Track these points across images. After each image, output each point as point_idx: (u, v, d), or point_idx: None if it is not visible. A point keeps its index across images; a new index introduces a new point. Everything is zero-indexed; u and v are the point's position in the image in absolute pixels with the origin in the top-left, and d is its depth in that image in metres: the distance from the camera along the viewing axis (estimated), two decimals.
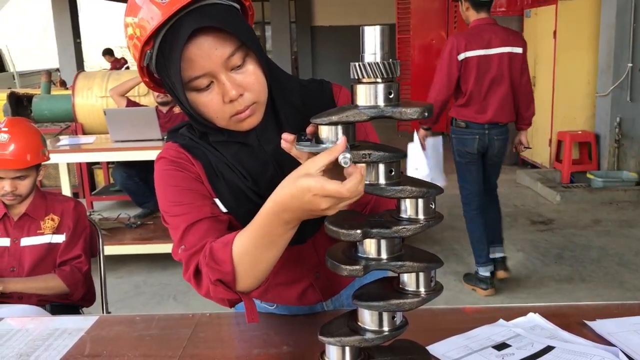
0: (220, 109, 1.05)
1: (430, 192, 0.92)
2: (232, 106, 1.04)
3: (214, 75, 1.02)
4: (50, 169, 4.94)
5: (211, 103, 1.04)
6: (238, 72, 1.03)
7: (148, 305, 3.70)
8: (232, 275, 1.02)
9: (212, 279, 1.03)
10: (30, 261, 2.18)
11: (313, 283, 1.32)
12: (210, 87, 1.03)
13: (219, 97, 1.04)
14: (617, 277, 3.89)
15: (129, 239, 4.27)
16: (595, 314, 1.31)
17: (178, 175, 1.14)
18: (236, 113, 1.05)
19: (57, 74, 10.78)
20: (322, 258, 1.25)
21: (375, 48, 0.90)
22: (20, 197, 2.17)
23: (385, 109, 0.90)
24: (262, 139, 1.14)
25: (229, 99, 1.03)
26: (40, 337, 1.35)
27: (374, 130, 1.25)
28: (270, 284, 1.27)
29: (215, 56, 1.00)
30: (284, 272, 1.28)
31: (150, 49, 1.02)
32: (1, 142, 2.13)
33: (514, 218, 5.19)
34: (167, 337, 1.32)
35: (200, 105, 1.05)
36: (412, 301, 0.95)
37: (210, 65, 1.00)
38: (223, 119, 1.06)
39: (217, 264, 1.02)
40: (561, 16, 6.09)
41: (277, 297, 1.35)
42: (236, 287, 1.04)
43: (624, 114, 5.79)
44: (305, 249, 1.26)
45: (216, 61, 1.00)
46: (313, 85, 1.23)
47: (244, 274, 1.02)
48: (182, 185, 1.13)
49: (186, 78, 1.01)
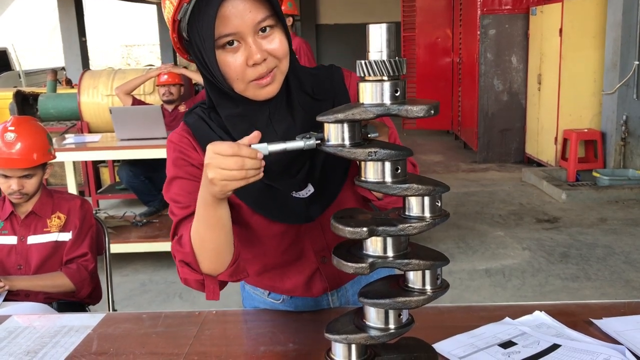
0: (242, 71, 1.07)
1: (437, 190, 0.92)
2: (254, 70, 1.08)
3: (242, 37, 1.05)
4: (56, 167, 4.95)
5: (235, 64, 1.07)
6: (264, 39, 1.07)
7: (154, 303, 3.71)
8: (192, 256, 1.10)
9: (178, 260, 1.13)
10: (36, 259, 2.18)
11: (319, 268, 1.33)
12: (236, 48, 1.06)
13: (243, 59, 1.06)
14: (623, 275, 3.88)
15: (135, 237, 4.28)
16: (601, 312, 1.31)
17: (180, 164, 1.19)
18: (257, 78, 1.09)
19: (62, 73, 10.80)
20: (329, 240, 1.27)
21: (382, 46, 0.90)
22: (27, 195, 2.18)
23: (391, 107, 0.90)
24: (274, 118, 1.16)
25: (252, 62, 1.06)
26: (47, 334, 1.36)
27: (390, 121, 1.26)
28: (276, 265, 1.33)
29: (247, 18, 1.04)
30: (291, 251, 1.30)
31: (187, 3, 1.05)
32: (8, 141, 2.14)
33: (519, 216, 5.18)
34: (174, 334, 1.32)
35: (223, 65, 1.08)
36: (418, 299, 0.95)
37: (241, 26, 1.04)
38: (243, 82, 1.09)
39: (181, 246, 1.12)
40: (567, 14, 6.07)
41: (286, 281, 1.36)
42: (201, 268, 1.12)
43: (630, 112, 5.77)
44: (312, 228, 1.28)
45: (248, 23, 1.04)
46: (322, 71, 1.26)
47: (199, 254, 1.10)
48: (183, 177, 1.18)
49: (216, 35, 1.04)
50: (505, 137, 7.32)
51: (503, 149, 7.33)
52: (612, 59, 5.82)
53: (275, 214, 1.23)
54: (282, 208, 1.22)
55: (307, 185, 1.22)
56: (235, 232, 1.14)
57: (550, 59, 6.41)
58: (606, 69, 5.94)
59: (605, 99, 5.99)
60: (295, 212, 1.23)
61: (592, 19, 6.08)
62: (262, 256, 1.34)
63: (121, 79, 5.75)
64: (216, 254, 1.11)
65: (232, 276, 1.15)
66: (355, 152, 0.92)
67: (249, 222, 1.26)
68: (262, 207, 1.23)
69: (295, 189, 1.22)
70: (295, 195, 1.22)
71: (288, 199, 1.22)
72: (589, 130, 6.10)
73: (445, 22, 8.64)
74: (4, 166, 2.13)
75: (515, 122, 7.24)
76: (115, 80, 5.75)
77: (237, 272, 1.16)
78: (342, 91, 1.24)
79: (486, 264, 4.16)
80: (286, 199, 1.22)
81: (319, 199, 1.23)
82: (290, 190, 1.22)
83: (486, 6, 7.08)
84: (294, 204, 1.22)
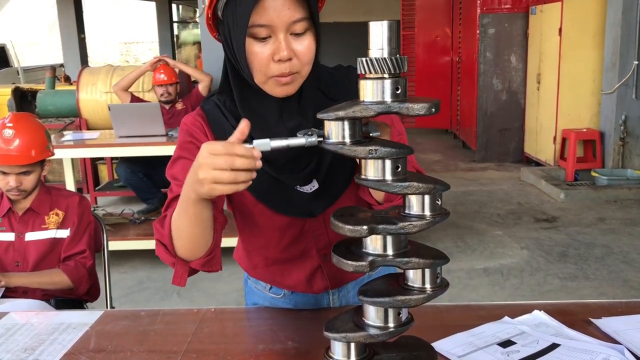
0: (266, 64, 1.09)
1: (437, 189, 0.92)
2: (277, 66, 1.09)
3: (274, 31, 1.06)
4: (54, 164, 4.93)
5: (261, 55, 1.08)
6: (295, 39, 1.08)
7: (152, 301, 3.70)
8: (169, 239, 1.12)
9: (155, 239, 1.16)
10: (34, 256, 2.18)
11: (321, 265, 1.33)
12: (266, 40, 1.07)
13: (269, 52, 1.08)
14: (622, 275, 3.88)
15: (133, 235, 4.28)
16: (600, 312, 1.31)
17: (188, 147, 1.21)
18: (278, 75, 1.09)
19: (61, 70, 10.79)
20: (331, 238, 1.28)
21: (383, 43, 0.89)
22: (25, 192, 2.17)
23: (392, 105, 0.90)
24: (284, 115, 1.17)
25: (278, 58, 1.07)
26: (45, 331, 1.36)
27: (401, 124, 1.26)
28: (278, 260, 1.34)
29: (284, 14, 1.05)
30: (293, 246, 1.31)
31: None
32: (6, 137, 2.13)
33: (518, 216, 5.19)
34: (172, 332, 1.32)
35: (249, 53, 1.09)
36: (417, 297, 0.95)
37: (276, 19, 1.05)
38: (263, 75, 1.10)
39: (162, 227, 1.14)
40: (567, 13, 6.07)
41: (286, 277, 1.37)
42: (175, 251, 1.13)
43: (629, 112, 5.77)
44: (315, 224, 1.29)
45: (283, 19, 1.05)
46: (341, 71, 1.27)
47: (176, 239, 1.12)
48: (188, 158, 1.19)
49: (250, 22, 1.05)
50: (504, 137, 7.32)
51: (502, 148, 7.34)
52: (611, 58, 5.82)
53: (277, 206, 1.24)
54: (286, 200, 1.23)
55: (312, 181, 1.23)
56: (237, 221, 1.15)
57: (549, 58, 6.41)
58: (605, 68, 5.94)
59: (604, 99, 5.99)
60: (298, 205, 1.24)
61: (592, 19, 6.08)
62: (264, 249, 1.34)
63: (120, 76, 5.73)
64: (191, 243, 1.12)
65: (205, 266, 1.16)
66: (355, 150, 0.92)
67: (252, 211, 1.27)
68: (266, 198, 1.24)
69: (300, 183, 1.23)
70: (299, 190, 1.23)
71: (292, 192, 1.23)
72: (588, 130, 6.11)
73: (444, 21, 8.64)
74: (2, 163, 2.12)
75: (514, 122, 7.25)
76: (114, 77, 5.73)
77: (211, 263, 1.17)
78: (356, 93, 1.24)
79: (485, 263, 4.16)
80: (290, 192, 1.23)
81: (323, 196, 1.24)
82: (294, 184, 1.23)
83: (486, 5, 7.08)
84: (297, 197, 1.23)
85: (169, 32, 15.59)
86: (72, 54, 10.90)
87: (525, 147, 7.18)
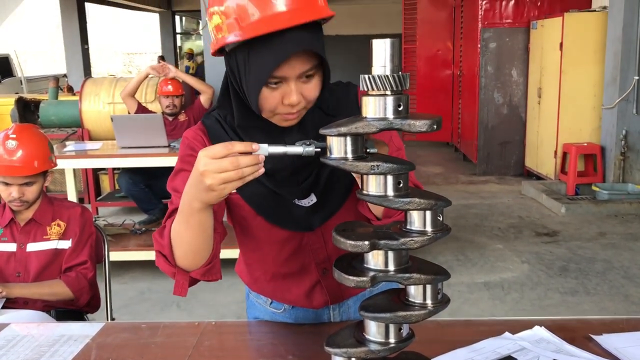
0: (275, 106, 1.11)
1: (439, 205, 0.93)
2: (286, 108, 1.11)
3: (286, 79, 1.09)
4: (56, 174, 4.94)
5: (271, 99, 1.10)
6: (305, 83, 1.11)
7: (152, 312, 3.70)
8: (168, 248, 1.13)
9: (155, 249, 1.16)
10: (36, 267, 2.18)
11: (321, 280, 1.34)
12: (277, 86, 1.09)
13: (279, 97, 1.10)
14: (623, 290, 3.87)
15: (134, 245, 4.28)
16: (602, 328, 1.30)
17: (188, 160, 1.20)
18: (285, 113, 1.12)
19: (64, 80, 10.83)
20: (330, 252, 1.28)
21: (385, 61, 0.90)
22: (27, 203, 2.18)
23: (394, 121, 0.91)
24: (285, 132, 1.18)
25: (288, 102, 1.09)
26: (46, 343, 1.36)
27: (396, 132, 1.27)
28: (277, 275, 1.35)
29: (297, 68, 1.08)
30: (292, 260, 1.32)
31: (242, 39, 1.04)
32: (9, 148, 2.14)
33: (518, 229, 5.18)
34: (173, 345, 1.32)
35: (260, 97, 1.10)
36: (419, 313, 0.95)
37: (290, 73, 1.08)
38: (270, 112, 1.13)
39: (161, 237, 1.15)
40: (567, 28, 6.10)
41: (286, 292, 1.37)
42: (175, 261, 1.14)
43: (630, 127, 5.78)
44: (313, 238, 1.29)
45: (296, 72, 1.08)
46: (340, 88, 1.28)
47: (176, 249, 1.12)
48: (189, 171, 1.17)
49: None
50: (505, 150, 7.33)
51: (503, 161, 7.35)
52: (612, 73, 5.84)
53: (276, 219, 1.25)
54: (284, 214, 1.24)
55: (310, 195, 1.23)
56: (237, 233, 1.15)
57: (550, 72, 6.43)
58: (606, 83, 5.96)
59: (605, 114, 6.01)
60: (296, 219, 1.25)
61: (593, 34, 6.11)
62: (263, 262, 1.35)
63: (122, 87, 5.76)
64: (192, 253, 1.13)
65: (205, 275, 1.16)
66: (357, 166, 0.93)
67: (251, 224, 1.28)
68: (264, 211, 1.25)
69: (298, 197, 1.24)
70: (297, 203, 1.24)
71: (290, 206, 1.24)
72: (589, 144, 6.12)
73: (446, 35, 8.68)
74: (5, 174, 2.13)
75: (515, 135, 7.26)
76: (117, 88, 5.76)
77: (211, 273, 1.17)
78: (356, 109, 1.25)
79: (485, 277, 4.15)
80: (288, 206, 1.24)
81: (321, 210, 1.25)
82: (293, 198, 1.24)
83: (487, 19, 7.11)
84: (295, 211, 1.24)
85: (172, 43, 15.66)
86: (75, 64, 10.95)
87: (526, 160, 7.19)
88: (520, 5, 7.04)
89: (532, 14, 7.00)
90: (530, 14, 7.01)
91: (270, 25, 1.01)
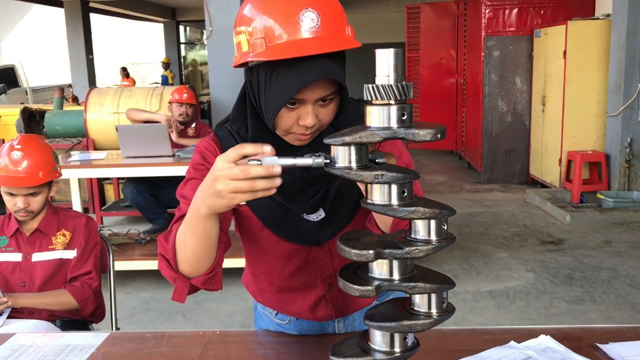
0: (290, 126, 1.13)
1: (443, 214, 0.93)
2: (300, 128, 1.12)
3: (304, 102, 1.10)
4: (61, 183, 4.96)
5: (288, 118, 1.12)
6: (322, 105, 1.12)
7: (156, 322, 3.69)
8: (172, 253, 1.13)
9: (159, 253, 1.17)
10: (41, 276, 2.18)
11: (326, 294, 1.34)
12: (294, 107, 1.10)
13: (295, 117, 1.12)
14: (629, 298, 3.85)
15: (139, 255, 4.28)
16: (607, 337, 1.30)
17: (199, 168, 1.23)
18: (300, 134, 1.13)
19: (69, 90, 10.89)
20: (337, 268, 1.28)
21: (389, 70, 0.91)
22: (32, 213, 2.18)
23: (398, 131, 0.91)
24: (294, 147, 1.19)
25: (303, 124, 1.11)
26: (51, 353, 1.36)
27: (405, 149, 1.28)
28: (283, 288, 1.35)
29: (317, 93, 1.10)
30: (299, 275, 1.32)
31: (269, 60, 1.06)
32: (15, 159, 2.15)
33: (523, 238, 5.17)
34: (178, 354, 1.32)
35: (277, 115, 1.11)
36: (424, 322, 0.95)
37: (309, 97, 1.10)
38: (285, 131, 1.14)
39: (166, 241, 1.15)
40: (571, 36, 6.11)
41: (291, 305, 1.37)
42: (178, 267, 1.14)
43: (635, 134, 5.78)
44: (320, 253, 1.30)
45: (315, 97, 1.10)
46: (351, 105, 1.28)
47: (179, 255, 1.13)
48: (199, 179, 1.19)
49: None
50: (510, 158, 7.33)
51: (507, 169, 7.34)
52: (616, 81, 5.84)
53: (284, 232, 1.26)
54: (292, 228, 1.25)
55: (318, 210, 1.24)
56: (245, 245, 1.15)
57: (554, 80, 6.44)
58: (610, 91, 5.96)
59: (609, 121, 6.00)
60: (304, 233, 1.25)
61: (596, 42, 6.12)
62: (269, 275, 1.35)
63: (127, 97, 5.79)
64: (195, 259, 1.13)
65: (205, 284, 1.16)
66: (362, 175, 0.93)
67: (259, 236, 1.28)
68: (272, 224, 1.25)
69: (307, 212, 1.24)
70: (306, 218, 1.24)
71: (299, 220, 1.24)
72: (593, 152, 6.11)
73: (449, 43, 8.70)
74: (11, 184, 2.14)
75: (519, 143, 7.26)
76: (121, 98, 5.79)
77: (211, 282, 1.17)
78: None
79: (490, 285, 4.14)
80: (297, 220, 1.24)
81: (329, 225, 1.25)
82: (301, 212, 1.24)
83: (490, 28, 7.13)
84: (304, 225, 1.25)
85: (177, 53, 15.74)
86: (80, 75, 11.02)
87: (530, 168, 7.18)
88: (524, 14, 7.06)
89: (535, 22, 7.02)
90: (534, 22, 7.03)
91: (297, 51, 1.03)
